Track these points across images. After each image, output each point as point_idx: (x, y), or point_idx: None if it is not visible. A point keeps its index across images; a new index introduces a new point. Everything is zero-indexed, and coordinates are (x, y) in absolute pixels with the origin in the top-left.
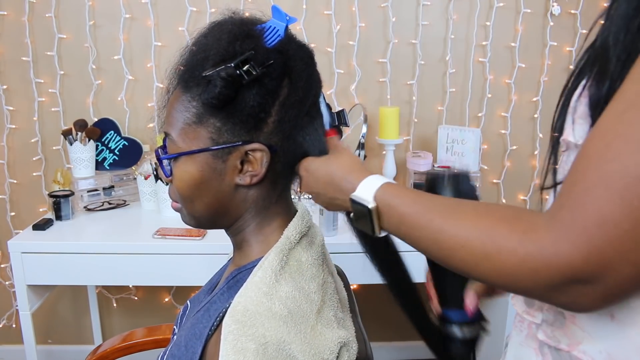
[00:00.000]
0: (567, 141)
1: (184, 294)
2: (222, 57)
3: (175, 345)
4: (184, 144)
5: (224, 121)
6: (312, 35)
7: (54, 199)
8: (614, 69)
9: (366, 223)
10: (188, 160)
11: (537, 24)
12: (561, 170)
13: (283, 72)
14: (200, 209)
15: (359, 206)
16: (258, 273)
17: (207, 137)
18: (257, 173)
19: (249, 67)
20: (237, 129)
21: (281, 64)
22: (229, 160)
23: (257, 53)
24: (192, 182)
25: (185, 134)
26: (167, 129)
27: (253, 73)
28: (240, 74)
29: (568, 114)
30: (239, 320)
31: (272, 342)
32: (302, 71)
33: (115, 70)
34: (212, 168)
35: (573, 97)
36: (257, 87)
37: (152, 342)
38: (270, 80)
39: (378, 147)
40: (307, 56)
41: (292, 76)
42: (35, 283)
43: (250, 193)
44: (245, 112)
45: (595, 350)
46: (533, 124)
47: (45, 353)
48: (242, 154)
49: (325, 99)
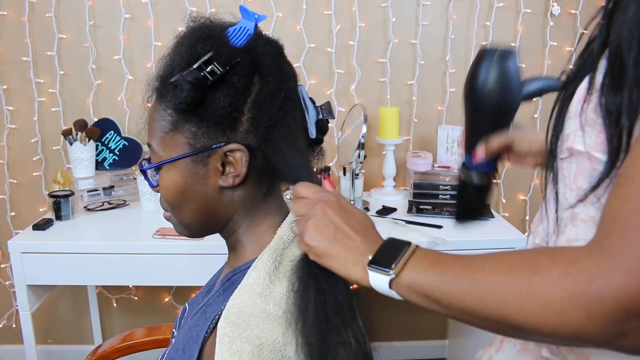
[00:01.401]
0: (572, 149)
1: (183, 294)
2: (187, 62)
3: (173, 348)
4: (164, 153)
5: (199, 125)
6: (312, 35)
7: (54, 199)
8: (631, 76)
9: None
10: (170, 169)
11: (537, 24)
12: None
13: (252, 69)
14: (189, 216)
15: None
16: (252, 274)
17: (184, 143)
18: (239, 173)
19: (213, 67)
20: (212, 132)
21: (249, 62)
22: (210, 164)
23: (220, 53)
24: (177, 190)
25: (165, 143)
26: (149, 140)
27: (217, 72)
28: (205, 75)
29: (570, 119)
30: (234, 322)
31: (267, 344)
32: (270, 66)
33: (115, 70)
34: (194, 173)
35: (573, 102)
36: (227, 87)
37: (152, 342)
38: (240, 79)
39: (378, 147)
40: (275, 50)
41: (262, 72)
42: (35, 283)
43: (236, 194)
44: (218, 114)
45: None
46: (533, 124)
47: (45, 353)
48: (222, 156)
49: (306, 93)
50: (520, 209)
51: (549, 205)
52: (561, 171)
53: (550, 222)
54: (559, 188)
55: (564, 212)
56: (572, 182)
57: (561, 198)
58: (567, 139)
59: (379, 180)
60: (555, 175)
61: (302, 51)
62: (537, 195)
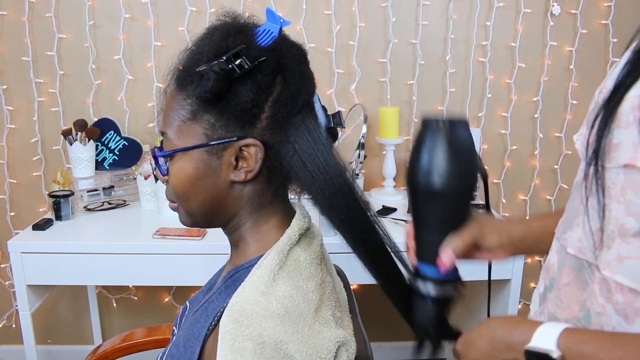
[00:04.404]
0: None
1: (184, 294)
2: (215, 53)
3: (174, 345)
4: (179, 142)
5: (218, 117)
6: (312, 35)
7: (54, 199)
8: None
9: None
10: (183, 157)
11: (537, 24)
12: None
13: (276, 69)
14: (196, 207)
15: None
16: (257, 272)
17: (201, 133)
18: (252, 169)
19: (241, 61)
20: (230, 125)
21: (274, 61)
22: (224, 157)
23: (249, 48)
24: (188, 180)
25: (181, 132)
26: (164, 129)
27: (245, 67)
28: (233, 67)
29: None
30: (236, 319)
31: (269, 342)
32: (294, 68)
33: (115, 70)
34: (207, 165)
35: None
36: (250, 83)
37: (152, 342)
38: (263, 77)
39: (378, 147)
40: (299, 54)
41: (285, 73)
42: (35, 283)
43: (245, 190)
44: (239, 108)
45: None
46: (533, 124)
47: (45, 353)
48: (237, 150)
49: (320, 101)
50: (520, 209)
51: (591, 217)
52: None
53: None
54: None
55: (609, 225)
56: (619, 195)
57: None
58: (615, 149)
59: (379, 180)
60: (602, 187)
61: None
62: (537, 195)
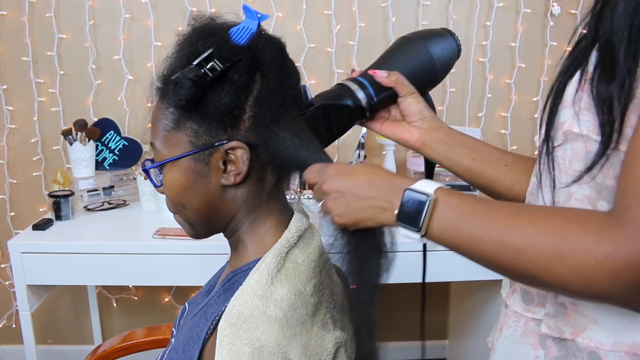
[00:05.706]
0: (569, 132)
1: (184, 294)
2: (188, 59)
3: (173, 348)
4: (167, 152)
5: (200, 123)
6: (312, 35)
7: (54, 199)
8: (623, 66)
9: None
10: (173, 168)
11: (537, 24)
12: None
13: (253, 66)
14: (193, 215)
15: (416, 197)
16: (254, 275)
17: (186, 141)
18: (240, 171)
19: (213, 64)
20: (213, 130)
21: (250, 59)
22: (211, 162)
23: (221, 50)
24: (180, 189)
25: (167, 141)
26: (152, 140)
27: (217, 69)
28: (205, 72)
29: (565, 108)
30: (234, 324)
31: (267, 346)
32: (272, 63)
33: (115, 70)
34: (196, 172)
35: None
36: (228, 85)
37: (152, 342)
38: (241, 76)
39: (378, 147)
40: (276, 48)
41: (263, 69)
42: (35, 283)
43: (238, 192)
44: (219, 112)
45: (602, 335)
46: (533, 124)
47: (45, 353)
48: (223, 154)
49: (309, 92)
50: None
51: (544, 190)
52: (556, 158)
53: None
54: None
55: (560, 194)
56: (567, 167)
57: (557, 183)
58: (561, 126)
59: None
60: (552, 162)
61: (302, 51)
62: None
